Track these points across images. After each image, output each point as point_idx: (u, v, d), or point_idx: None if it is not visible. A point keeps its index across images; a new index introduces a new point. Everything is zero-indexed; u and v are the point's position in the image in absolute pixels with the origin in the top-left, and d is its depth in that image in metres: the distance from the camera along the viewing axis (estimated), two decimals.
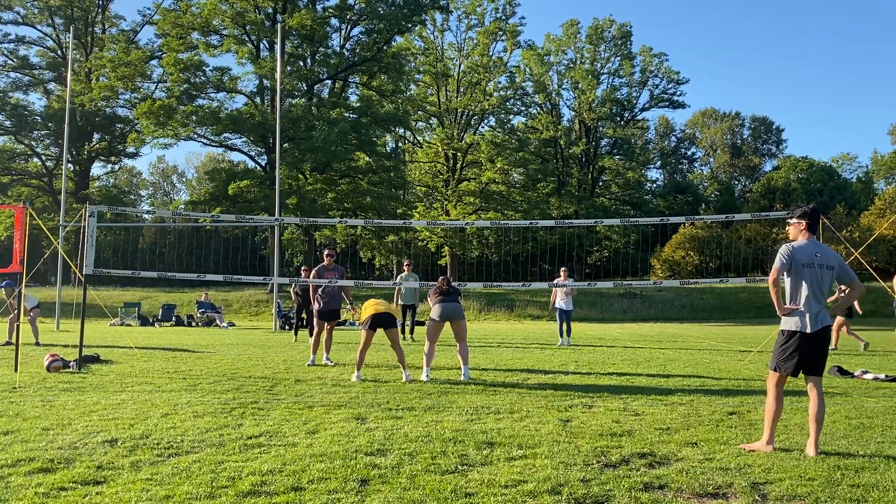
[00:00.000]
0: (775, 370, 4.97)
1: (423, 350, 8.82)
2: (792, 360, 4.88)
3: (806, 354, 4.86)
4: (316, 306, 10.44)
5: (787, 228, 5.21)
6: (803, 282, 4.88)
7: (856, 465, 4.41)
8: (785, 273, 4.94)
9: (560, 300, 14.61)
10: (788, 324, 4.92)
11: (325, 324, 10.34)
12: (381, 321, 8.33)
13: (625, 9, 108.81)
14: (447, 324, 8.77)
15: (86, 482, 3.95)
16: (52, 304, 21.23)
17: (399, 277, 14.94)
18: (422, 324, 17.10)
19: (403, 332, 15.20)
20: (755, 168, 70.01)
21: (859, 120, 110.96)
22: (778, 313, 4.97)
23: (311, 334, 11.27)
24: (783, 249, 4.96)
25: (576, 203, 49.72)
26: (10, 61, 42.82)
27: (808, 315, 4.84)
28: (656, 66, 53.41)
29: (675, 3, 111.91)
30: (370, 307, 8.45)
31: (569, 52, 53.69)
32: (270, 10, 37.28)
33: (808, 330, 4.83)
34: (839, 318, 13.73)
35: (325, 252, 10.78)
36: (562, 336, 14.54)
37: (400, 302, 15.12)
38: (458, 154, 47.88)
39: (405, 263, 15.28)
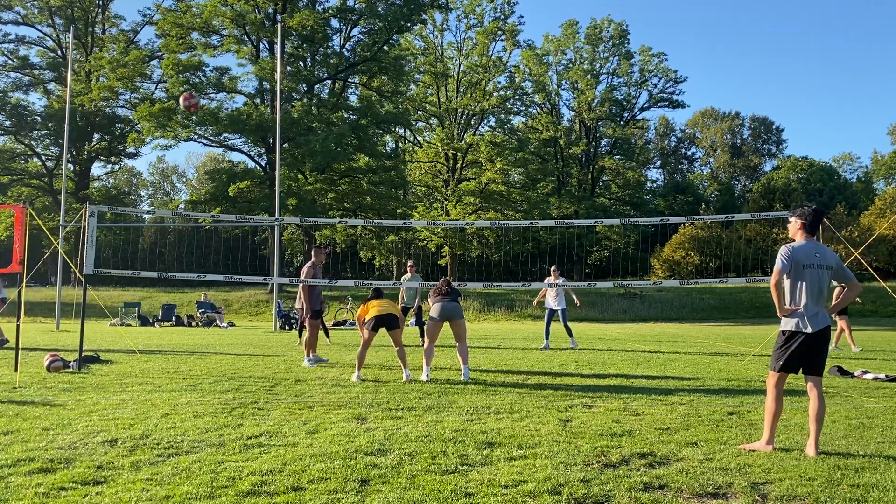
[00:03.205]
0: (775, 370, 4.98)
1: (422, 350, 8.84)
2: (792, 361, 4.89)
3: (806, 355, 4.87)
4: (312, 307, 10.46)
5: (787, 226, 5.20)
6: (803, 282, 4.88)
7: (856, 465, 4.41)
8: (785, 274, 4.94)
9: (550, 299, 14.22)
10: (788, 324, 4.92)
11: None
12: (384, 322, 8.33)
13: (623, 8, 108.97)
14: (447, 323, 8.81)
15: (86, 482, 3.95)
16: (53, 304, 21.23)
17: (403, 279, 14.62)
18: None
19: (421, 333, 14.59)
20: (755, 168, 70.01)
21: (859, 120, 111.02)
22: (778, 314, 4.97)
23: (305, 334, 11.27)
24: (783, 251, 4.95)
25: (576, 203, 49.73)
26: (10, 61, 42.87)
27: (807, 315, 4.84)
28: (655, 66, 53.45)
29: (675, 2, 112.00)
30: (373, 307, 8.45)
31: (568, 53, 53.78)
32: (270, 11, 37.29)
33: (809, 330, 4.83)
34: (844, 319, 13.69)
35: (322, 250, 10.73)
36: (547, 338, 13.91)
37: (401, 304, 14.77)
38: (458, 154, 47.88)
39: (409, 265, 14.62)
